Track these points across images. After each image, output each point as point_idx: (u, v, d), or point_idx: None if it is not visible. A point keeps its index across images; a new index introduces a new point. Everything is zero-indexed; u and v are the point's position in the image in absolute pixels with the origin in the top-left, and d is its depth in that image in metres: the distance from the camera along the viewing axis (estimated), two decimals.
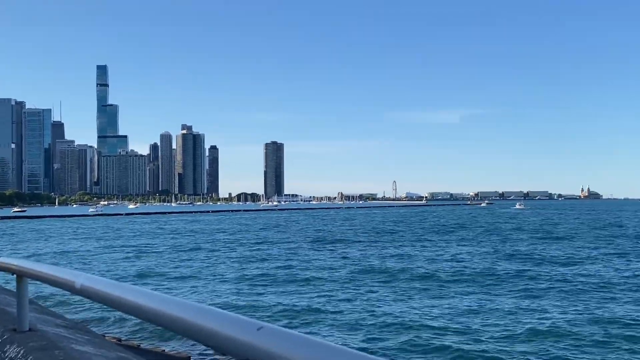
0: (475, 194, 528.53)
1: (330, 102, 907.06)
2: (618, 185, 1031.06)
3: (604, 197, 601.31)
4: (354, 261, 41.17)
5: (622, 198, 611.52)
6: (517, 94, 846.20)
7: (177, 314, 2.52)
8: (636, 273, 33.95)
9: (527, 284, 29.90)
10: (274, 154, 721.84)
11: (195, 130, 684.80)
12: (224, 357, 2.10)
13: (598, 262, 40.43)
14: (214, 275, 34.48)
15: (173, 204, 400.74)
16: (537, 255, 45.02)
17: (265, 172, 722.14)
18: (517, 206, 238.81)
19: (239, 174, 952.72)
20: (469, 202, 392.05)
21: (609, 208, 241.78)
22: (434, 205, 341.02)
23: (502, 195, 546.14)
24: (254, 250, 51.99)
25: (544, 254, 45.91)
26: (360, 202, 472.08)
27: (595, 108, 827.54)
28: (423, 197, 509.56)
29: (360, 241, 61.42)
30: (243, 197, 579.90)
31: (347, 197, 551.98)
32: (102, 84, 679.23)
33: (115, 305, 3.22)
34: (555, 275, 33.06)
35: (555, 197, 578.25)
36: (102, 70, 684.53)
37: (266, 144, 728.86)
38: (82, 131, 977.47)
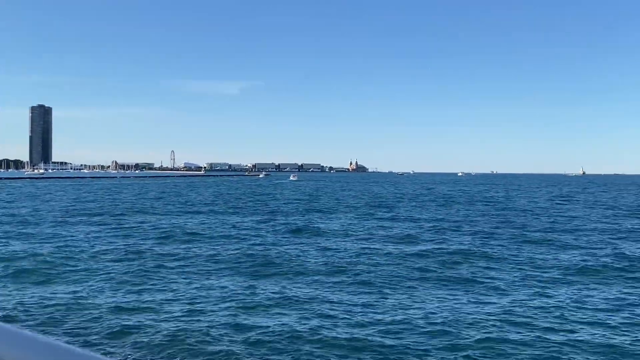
0: (253, 165, 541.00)
1: (103, 65, 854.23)
2: (382, 160, 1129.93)
3: (370, 170, 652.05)
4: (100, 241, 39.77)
5: (387, 171, 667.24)
6: (292, 68, 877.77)
7: None
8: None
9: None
10: (41, 118, 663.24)
11: None
12: None
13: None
14: None
15: None
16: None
17: (31, 138, 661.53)
18: (292, 177, 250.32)
19: (1, 139, 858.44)
20: (247, 174, 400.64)
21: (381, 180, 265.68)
22: (213, 175, 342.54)
23: (279, 167, 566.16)
24: None
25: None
26: (137, 171, 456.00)
27: (359, 86, 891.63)
28: (202, 167, 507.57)
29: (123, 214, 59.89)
30: (5, 163, 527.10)
31: (122, 166, 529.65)
32: None
33: None
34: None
35: (327, 170, 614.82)
36: None
37: (32, 108, 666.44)
38: None
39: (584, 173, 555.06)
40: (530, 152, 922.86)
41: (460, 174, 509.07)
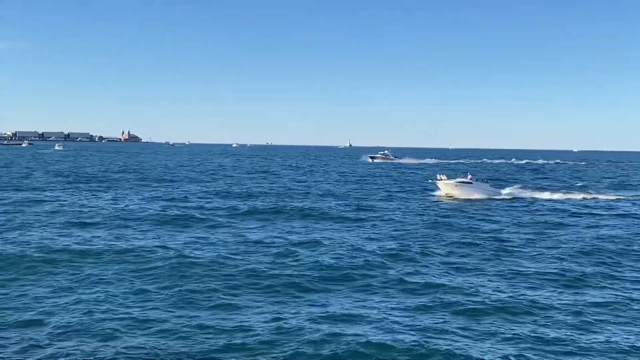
0: (13, 134, 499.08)
1: None
2: (158, 130, 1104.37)
3: (143, 140, 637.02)
4: None
5: (163, 142, 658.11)
6: (61, 31, 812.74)
7: None
8: None
9: None
10: None
11: None
12: None
13: None
14: None
15: None
16: None
17: None
18: (57, 147, 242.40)
19: None
20: (6, 142, 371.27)
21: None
22: None
23: (42, 136, 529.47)
24: None
25: None
26: None
27: (133, 53, 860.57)
28: None
29: None
30: None
31: None
32: None
33: None
34: None
35: (97, 139, 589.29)
36: None
37: None
38: None
39: (350, 145, 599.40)
40: (306, 125, 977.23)
41: (235, 145, 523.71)
